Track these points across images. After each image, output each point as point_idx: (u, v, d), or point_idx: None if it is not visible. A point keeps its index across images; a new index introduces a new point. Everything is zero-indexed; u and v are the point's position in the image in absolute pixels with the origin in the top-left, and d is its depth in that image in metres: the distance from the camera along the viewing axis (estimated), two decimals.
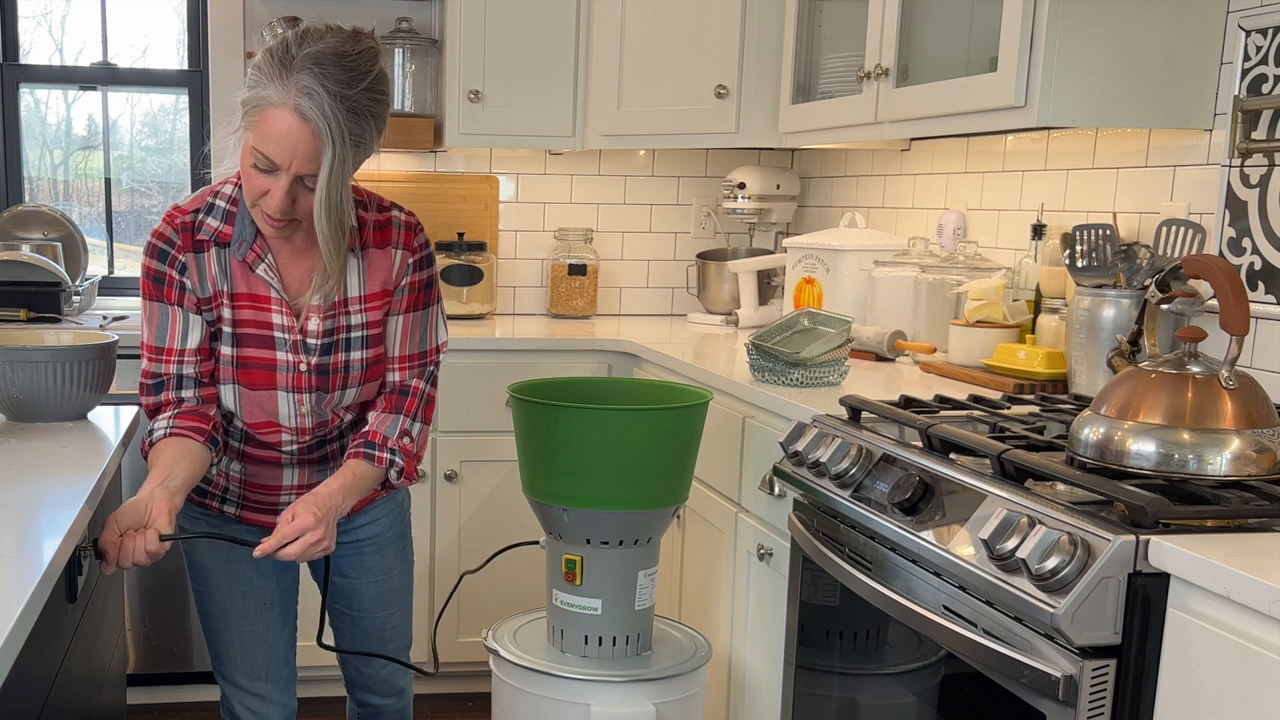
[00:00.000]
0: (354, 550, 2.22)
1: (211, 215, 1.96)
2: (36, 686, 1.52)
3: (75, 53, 3.94)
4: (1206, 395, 1.65)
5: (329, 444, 2.12)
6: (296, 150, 1.79)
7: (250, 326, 1.96)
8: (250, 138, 1.82)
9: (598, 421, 2.32)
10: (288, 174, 1.81)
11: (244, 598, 2.15)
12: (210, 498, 2.15)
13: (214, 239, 1.95)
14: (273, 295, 1.96)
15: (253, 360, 1.97)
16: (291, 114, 1.77)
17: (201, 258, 1.94)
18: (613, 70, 3.62)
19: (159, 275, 1.95)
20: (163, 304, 1.95)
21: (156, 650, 3.45)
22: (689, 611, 2.96)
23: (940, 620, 1.71)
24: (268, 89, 1.79)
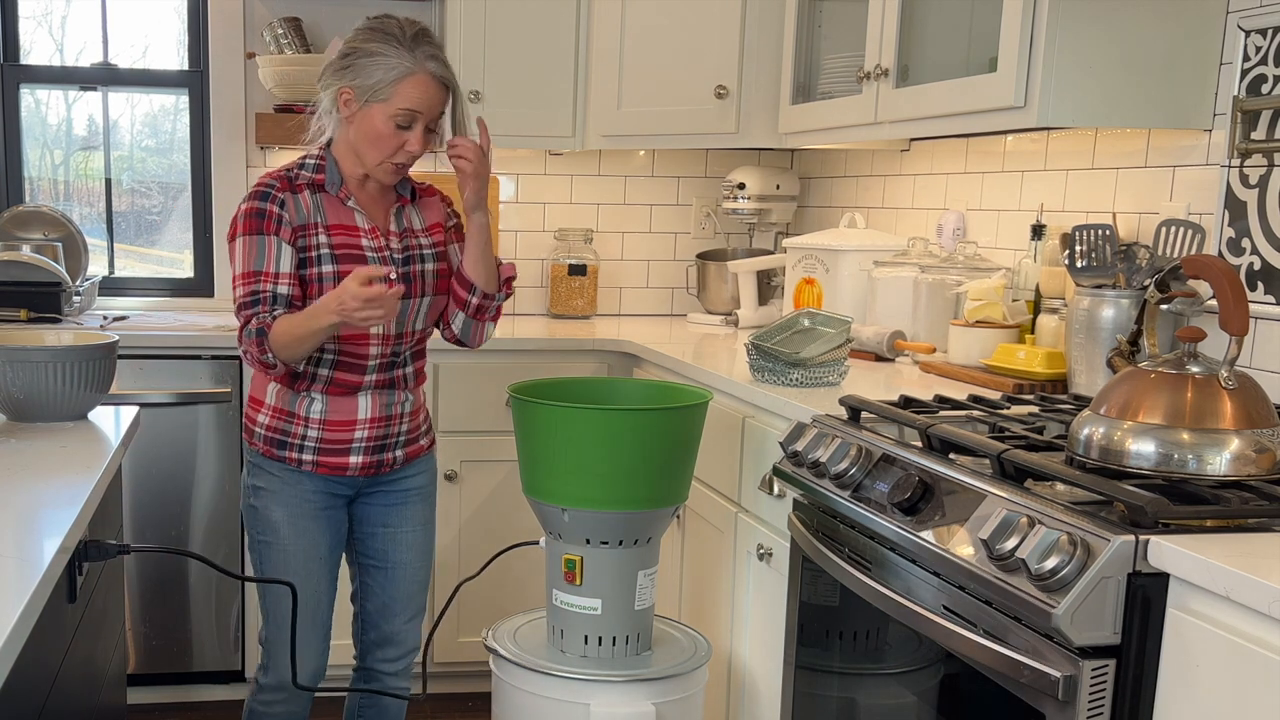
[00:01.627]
0: (400, 499, 2.52)
1: (304, 169, 2.38)
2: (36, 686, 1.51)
3: (76, 53, 3.94)
4: (1206, 395, 1.65)
5: (397, 368, 2.45)
6: (434, 102, 2.31)
7: (344, 248, 2.35)
8: (388, 107, 2.28)
9: (598, 422, 2.32)
10: (424, 122, 2.32)
11: (305, 552, 2.43)
12: (289, 449, 2.41)
13: (309, 184, 2.37)
14: (360, 224, 2.38)
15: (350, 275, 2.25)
16: (426, 76, 2.29)
17: (298, 196, 2.34)
18: (613, 70, 3.62)
19: (260, 211, 2.31)
20: (262, 236, 2.30)
21: (156, 650, 3.45)
22: (689, 611, 2.96)
23: (940, 620, 1.71)
24: (396, 64, 2.27)
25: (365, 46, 2.29)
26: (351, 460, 2.42)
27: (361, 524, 2.53)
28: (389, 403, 2.45)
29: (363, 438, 2.42)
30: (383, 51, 2.28)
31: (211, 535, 3.42)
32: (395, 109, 2.28)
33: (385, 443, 2.45)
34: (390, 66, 2.27)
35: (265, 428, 2.42)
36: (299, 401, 2.39)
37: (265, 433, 2.42)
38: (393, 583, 2.55)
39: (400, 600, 2.56)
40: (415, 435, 2.52)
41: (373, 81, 2.28)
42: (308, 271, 2.33)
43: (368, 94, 2.29)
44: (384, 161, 2.34)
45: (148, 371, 3.32)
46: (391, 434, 2.46)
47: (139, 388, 3.30)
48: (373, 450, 2.43)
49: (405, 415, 2.48)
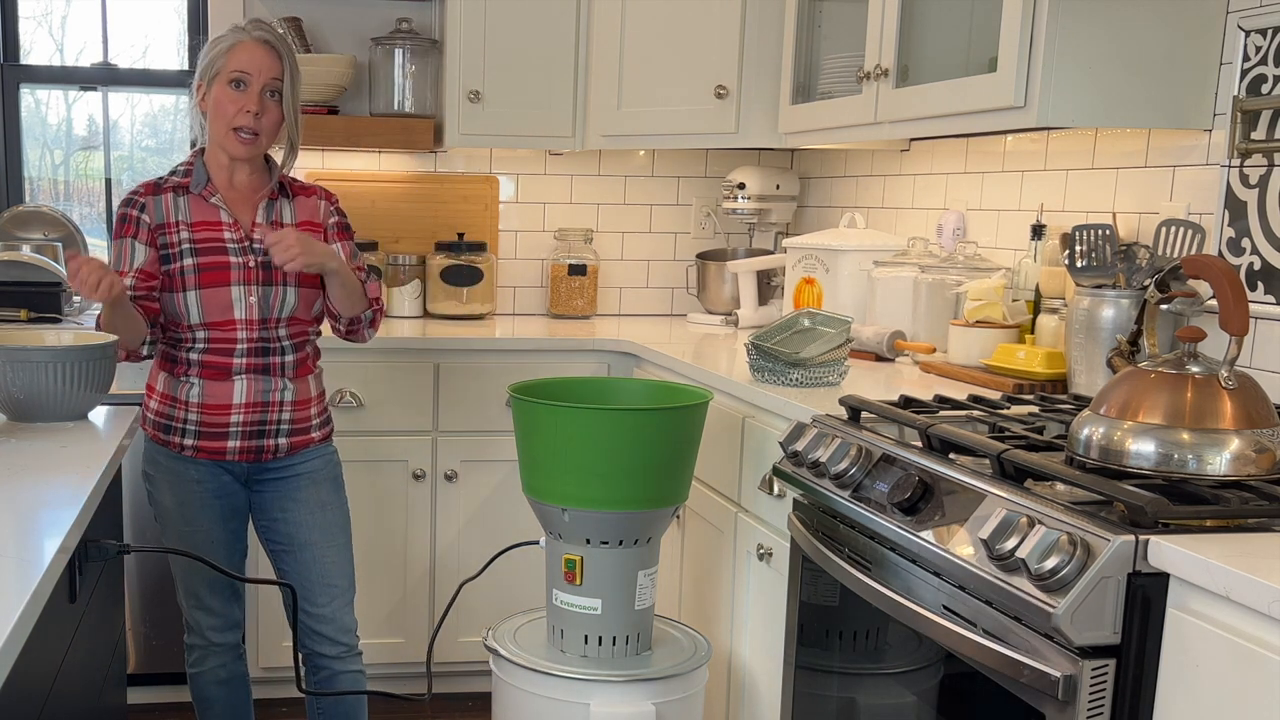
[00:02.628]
0: (291, 485, 2.60)
1: (174, 174, 2.55)
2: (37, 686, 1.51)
3: (76, 53, 3.94)
4: (1206, 395, 1.65)
5: (272, 355, 2.54)
6: (263, 65, 2.46)
7: (205, 242, 2.49)
8: (222, 78, 2.45)
9: (598, 422, 2.32)
10: (258, 82, 2.45)
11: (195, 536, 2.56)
12: (172, 433, 2.53)
13: (174, 187, 2.52)
14: (223, 219, 2.51)
15: (210, 265, 2.47)
16: (252, 42, 2.47)
17: (159, 198, 2.51)
18: (613, 70, 3.62)
19: (123, 216, 2.51)
20: (122, 239, 2.49)
21: (157, 650, 3.45)
22: (689, 611, 2.96)
23: (940, 620, 1.70)
24: (224, 40, 2.47)
25: (207, 45, 2.52)
26: (229, 444, 2.53)
27: (261, 514, 2.64)
28: (265, 389, 2.54)
29: (238, 422, 2.52)
30: (218, 40, 2.50)
31: None
32: (227, 76, 2.45)
33: (264, 429, 2.55)
34: (220, 43, 2.48)
35: (154, 412, 2.56)
36: (180, 386, 2.52)
37: (154, 417, 2.56)
38: (305, 564, 2.62)
39: (317, 582, 2.62)
40: (304, 427, 2.60)
41: (208, 63, 2.48)
42: (171, 266, 2.47)
43: (208, 75, 2.48)
44: (228, 130, 2.47)
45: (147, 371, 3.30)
46: (270, 421, 2.55)
47: (139, 388, 3.29)
48: (250, 435, 2.53)
49: (285, 404, 2.56)
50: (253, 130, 2.47)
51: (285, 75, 2.49)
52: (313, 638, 2.63)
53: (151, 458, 2.58)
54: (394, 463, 3.38)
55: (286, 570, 2.63)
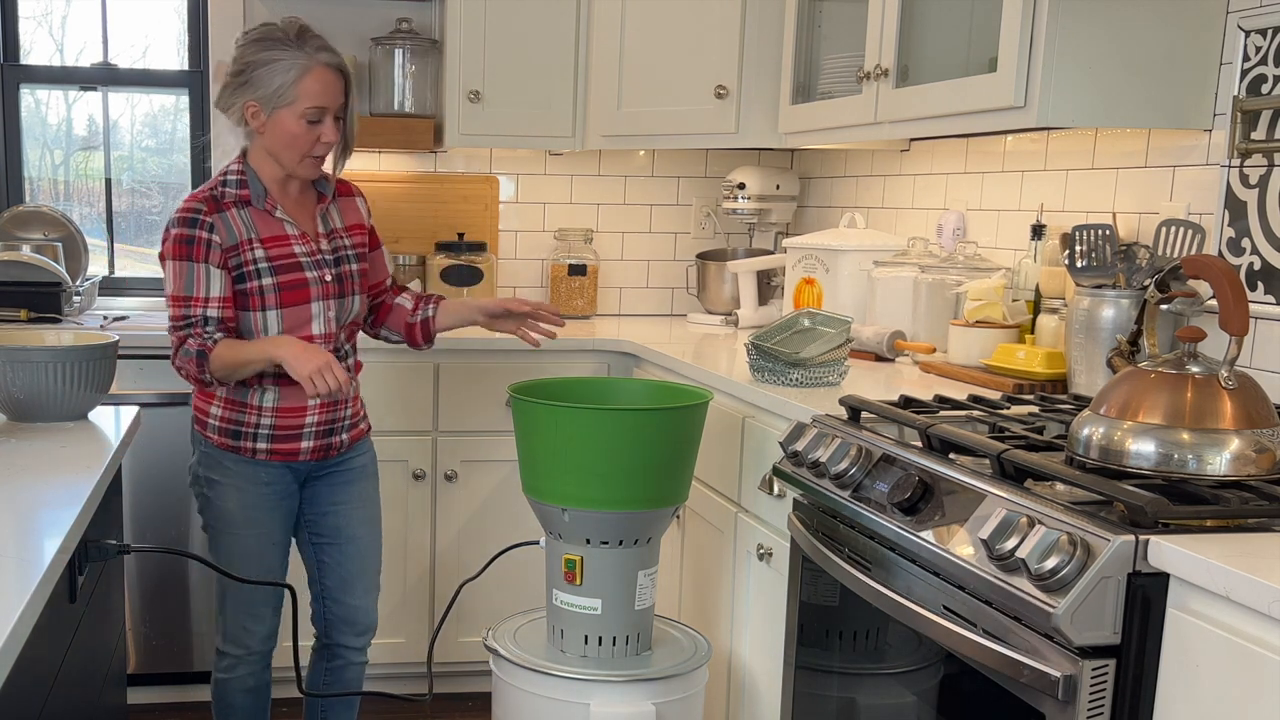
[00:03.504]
0: (345, 478, 2.63)
1: (227, 187, 2.44)
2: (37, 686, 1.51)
3: (76, 53, 3.93)
4: (1206, 395, 1.65)
5: (341, 359, 2.56)
6: (335, 93, 2.40)
7: (280, 258, 2.44)
8: (295, 109, 2.36)
9: (598, 422, 2.32)
10: (332, 113, 2.40)
11: (259, 540, 2.54)
12: (244, 439, 2.51)
13: (235, 201, 2.43)
14: (290, 232, 2.47)
15: (290, 283, 2.45)
16: (323, 69, 2.37)
17: (225, 215, 2.41)
18: (612, 70, 3.62)
19: (189, 238, 2.38)
20: (191, 262, 2.38)
21: (157, 650, 3.45)
22: (689, 611, 2.96)
23: (940, 620, 1.70)
24: (292, 66, 2.35)
25: (257, 57, 2.37)
26: (303, 445, 2.54)
27: (313, 504, 2.63)
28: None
29: (313, 423, 2.54)
30: (276, 57, 2.36)
31: None
32: (303, 108, 2.37)
33: (333, 427, 2.58)
34: (287, 69, 2.35)
35: (219, 419, 2.51)
36: (251, 393, 2.49)
37: (219, 424, 2.51)
38: (349, 557, 2.65)
39: (357, 573, 2.67)
40: (356, 420, 2.66)
41: (274, 88, 2.36)
42: (248, 285, 2.42)
43: (272, 101, 2.37)
44: (303, 159, 2.43)
45: (148, 371, 3.31)
46: (338, 419, 2.59)
47: (139, 388, 3.30)
48: (322, 434, 2.56)
49: (348, 401, 2.62)
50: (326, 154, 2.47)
51: (350, 94, 2.46)
52: (341, 629, 2.68)
53: (217, 463, 2.53)
54: (394, 463, 3.37)
55: (326, 562, 2.65)
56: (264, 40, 2.38)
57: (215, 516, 2.55)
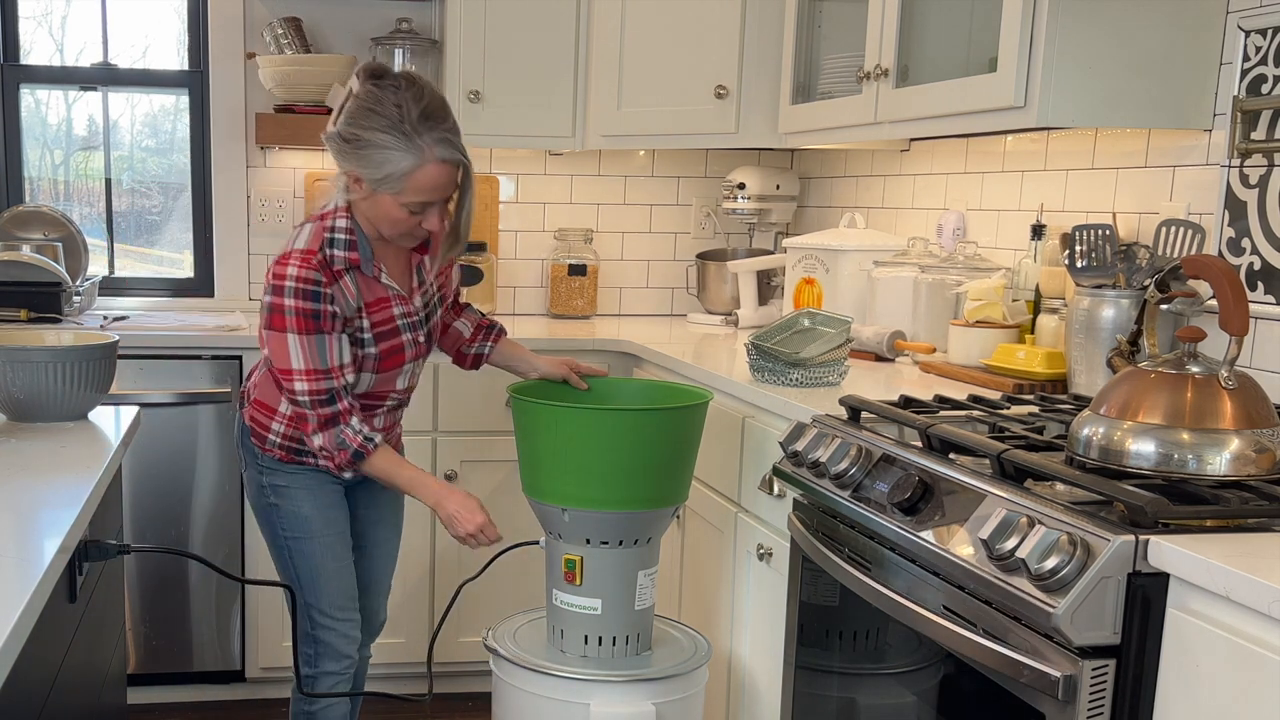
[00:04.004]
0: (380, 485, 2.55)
1: (335, 247, 2.31)
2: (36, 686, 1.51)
3: (76, 53, 3.93)
4: (1206, 395, 1.65)
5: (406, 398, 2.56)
6: (446, 184, 2.27)
7: (382, 325, 2.38)
8: (397, 197, 2.24)
9: (598, 422, 2.32)
10: (439, 206, 2.29)
11: (338, 539, 2.50)
12: (305, 455, 2.45)
13: (345, 265, 2.31)
14: (391, 294, 2.38)
15: (388, 350, 2.40)
16: (436, 166, 2.23)
17: (340, 285, 2.31)
18: (613, 70, 3.62)
19: (316, 313, 2.27)
20: (320, 335, 2.28)
21: (157, 650, 3.45)
22: (689, 611, 2.96)
23: (940, 620, 1.70)
24: (404, 159, 2.20)
25: (370, 136, 2.21)
26: None
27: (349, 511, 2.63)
28: (395, 416, 2.59)
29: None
30: (389, 144, 2.21)
31: (211, 535, 3.42)
32: (406, 200, 2.26)
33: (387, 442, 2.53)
34: (398, 160, 2.21)
35: (282, 436, 2.46)
36: None
37: (281, 440, 2.46)
38: (373, 561, 2.67)
39: (378, 578, 2.70)
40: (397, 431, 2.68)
41: (381, 175, 2.23)
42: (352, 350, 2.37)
43: (377, 185, 2.25)
44: (401, 236, 2.34)
45: (148, 371, 3.31)
46: (392, 438, 2.61)
47: (139, 388, 3.30)
48: None
49: (400, 420, 2.63)
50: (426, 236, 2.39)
51: (462, 186, 2.32)
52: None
53: (281, 470, 2.47)
54: None
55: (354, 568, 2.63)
56: (382, 117, 2.20)
57: (292, 524, 2.48)
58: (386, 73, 2.26)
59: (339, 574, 2.51)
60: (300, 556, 2.48)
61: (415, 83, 2.25)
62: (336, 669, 2.54)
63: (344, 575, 2.52)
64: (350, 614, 2.54)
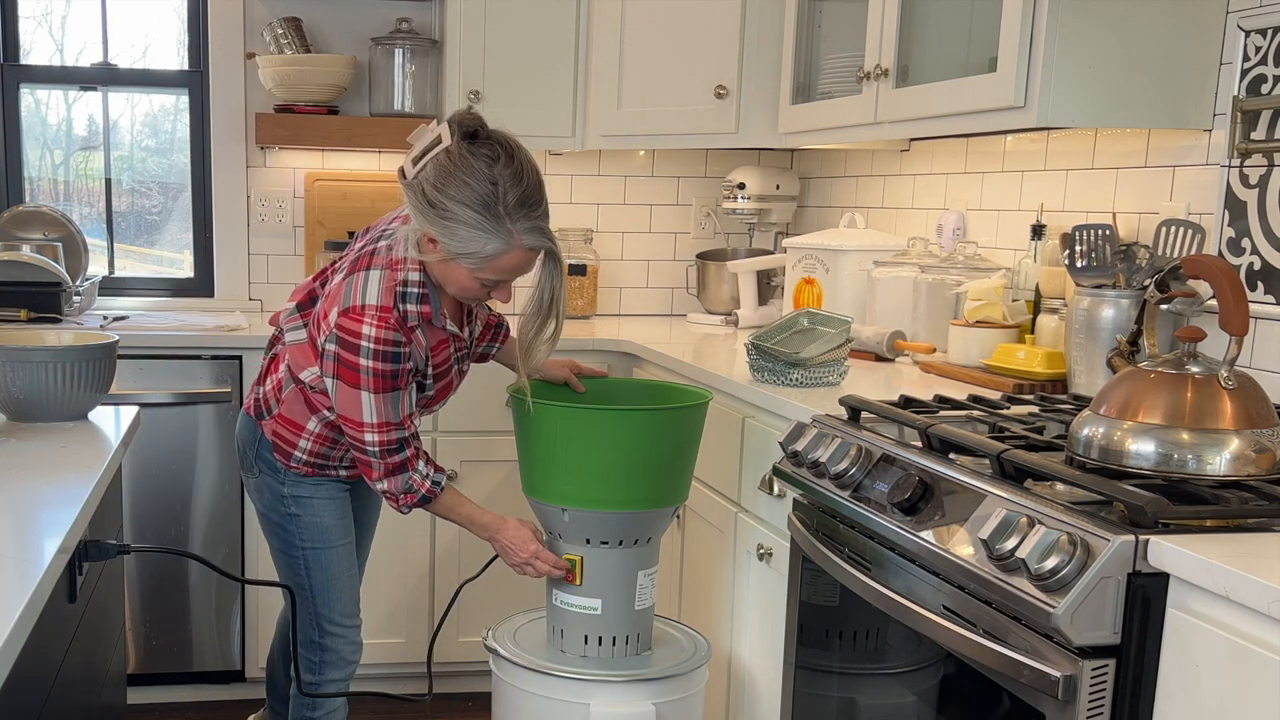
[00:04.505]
0: None
1: (408, 302, 2.26)
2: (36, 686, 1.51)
3: (75, 53, 3.93)
4: (1206, 395, 1.65)
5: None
6: (525, 269, 2.24)
7: (440, 365, 2.39)
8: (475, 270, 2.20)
9: (598, 422, 2.32)
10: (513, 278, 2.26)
11: (350, 547, 2.55)
12: (329, 469, 2.48)
13: (418, 322, 2.29)
14: (450, 335, 2.38)
15: (442, 387, 2.44)
16: (521, 252, 2.19)
17: (413, 340, 2.29)
18: (612, 70, 3.62)
19: (394, 373, 2.25)
20: (397, 391, 2.26)
21: (156, 650, 3.45)
22: (688, 611, 2.96)
23: (940, 620, 1.70)
24: (491, 243, 2.15)
25: (459, 212, 2.13)
26: None
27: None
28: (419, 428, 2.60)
29: None
30: (477, 225, 2.13)
31: (211, 535, 3.42)
32: (484, 276, 2.22)
33: None
34: (484, 242, 2.15)
35: (307, 453, 2.45)
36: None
37: (306, 457, 2.45)
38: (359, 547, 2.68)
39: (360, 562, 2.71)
40: None
41: (462, 251, 2.16)
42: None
43: (455, 256, 2.19)
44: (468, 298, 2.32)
45: (148, 371, 3.31)
46: None
47: (139, 388, 3.29)
48: None
49: None
50: None
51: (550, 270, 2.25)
52: None
53: (301, 482, 2.47)
54: None
55: None
56: (475, 193, 2.12)
57: (313, 534, 2.49)
58: (482, 132, 2.16)
59: (351, 582, 2.54)
60: (317, 566, 2.49)
61: (514, 158, 2.15)
62: (340, 676, 2.56)
63: (354, 583, 2.56)
64: (357, 620, 2.57)
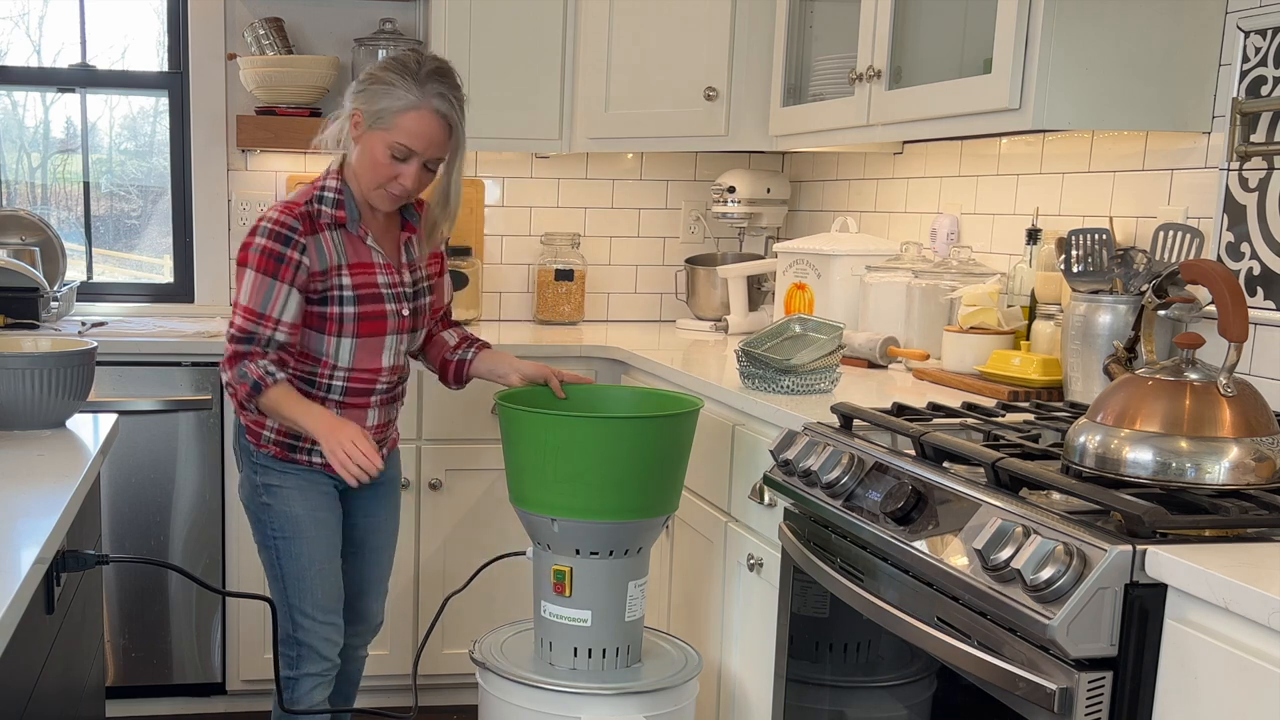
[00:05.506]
0: (378, 492, 2.65)
1: (324, 204, 2.41)
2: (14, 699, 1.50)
3: (53, 54, 3.91)
4: (1204, 403, 1.64)
5: (400, 385, 2.60)
6: (432, 141, 2.35)
7: (364, 287, 2.43)
8: (385, 135, 2.34)
9: (587, 430, 2.30)
10: (419, 159, 2.36)
11: (326, 542, 2.54)
12: (300, 452, 2.50)
13: (330, 222, 2.40)
14: (377, 261, 2.46)
15: (369, 314, 2.44)
16: (430, 114, 2.34)
17: (319, 238, 2.39)
18: (600, 72, 3.60)
19: (280, 255, 2.35)
20: (274, 280, 2.34)
21: (135, 662, 3.42)
22: (678, 623, 2.94)
23: (933, 632, 1.69)
24: (403, 96, 2.33)
25: (382, 74, 2.36)
26: None
27: (346, 516, 2.63)
28: (391, 413, 2.62)
29: None
30: (394, 81, 2.34)
31: (192, 545, 3.39)
32: (393, 140, 2.35)
33: (381, 443, 2.61)
34: (397, 97, 2.33)
35: (276, 432, 2.49)
36: None
37: (276, 437, 2.50)
38: (369, 565, 2.69)
39: (375, 581, 2.72)
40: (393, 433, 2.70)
41: (378, 108, 2.34)
42: (328, 309, 2.41)
43: (373, 119, 2.35)
44: (377, 188, 2.40)
45: (127, 378, 3.28)
46: (387, 437, 2.64)
47: (118, 395, 3.26)
48: None
49: (395, 420, 2.65)
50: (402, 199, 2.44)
51: (450, 152, 2.41)
52: (354, 625, 2.71)
53: (275, 470, 2.51)
54: None
55: (347, 570, 2.64)
56: (397, 61, 2.38)
57: (283, 524, 2.51)
58: None
59: (324, 576, 2.53)
60: (288, 557, 2.51)
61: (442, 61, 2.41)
62: (317, 671, 2.56)
63: (329, 578, 2.54)
64: (333, 618, 2.55)
